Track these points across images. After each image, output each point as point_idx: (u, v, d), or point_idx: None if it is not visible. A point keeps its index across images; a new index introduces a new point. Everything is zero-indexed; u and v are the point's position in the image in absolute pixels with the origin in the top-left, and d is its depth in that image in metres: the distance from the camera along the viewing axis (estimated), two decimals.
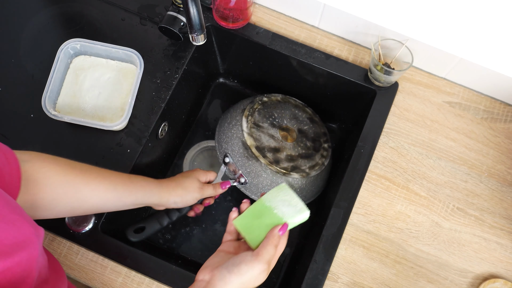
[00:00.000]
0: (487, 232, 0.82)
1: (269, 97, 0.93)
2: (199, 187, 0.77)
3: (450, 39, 0.72)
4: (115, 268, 0.76)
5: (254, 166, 0.84)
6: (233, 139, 0.87)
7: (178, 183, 0.75)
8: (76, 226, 0.76)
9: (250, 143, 0.85)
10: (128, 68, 0.87)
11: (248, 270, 0.59)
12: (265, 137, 0.87)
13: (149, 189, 0.71)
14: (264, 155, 0.85)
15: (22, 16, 0.91)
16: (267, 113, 0.90)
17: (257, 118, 0.89)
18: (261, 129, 0.88)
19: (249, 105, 0.90)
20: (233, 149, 0.86)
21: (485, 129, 0.88)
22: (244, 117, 0.87)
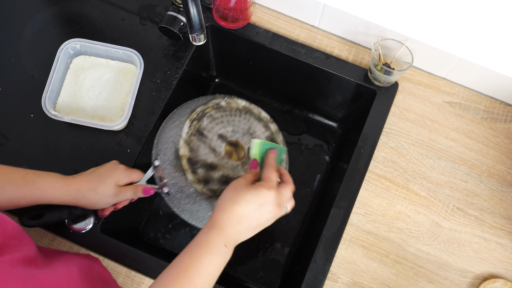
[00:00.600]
0: (487, 232, 0.82)
1: (229, 102, 0.81)
2: (114, 194, 0.69)
3: (450, 39, 0.72)
4: (115, 268, 0.76)
5: (180, 179, 0.73)
6: (169, 142, 0.76)
7: (91, 187, 0.68)
8: (76, 226, 0.75)
9: (182, 153, 0.73)
10: (128, 68, 0.87)
11: (253, 198, 0.59)
12: (205, 149, 0.75)
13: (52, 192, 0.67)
14: (194, 170, 0.72)
15: (22, 16, 0.91)
16: (219, 121, 0.78)
17: (204, 125, 0.76)
18: (203, 138, 0.76)
19: (201, 107, 0.78)
20: (165, 153, 0.75)
21: (485, 129, 0.88)
22: (189, 120, 0.75)
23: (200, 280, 0.55)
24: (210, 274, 0.57)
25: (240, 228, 0.59)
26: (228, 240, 0.58)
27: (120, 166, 0.72)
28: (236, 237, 0.60)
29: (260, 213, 0.60)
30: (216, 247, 0.57)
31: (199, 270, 0.56)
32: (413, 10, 0.70)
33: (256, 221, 0.60)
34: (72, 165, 0.81)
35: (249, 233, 0.61)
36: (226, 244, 0.58)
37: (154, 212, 0.95)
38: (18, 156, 0.81)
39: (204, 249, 0.57)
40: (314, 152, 1.01)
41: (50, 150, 0.82)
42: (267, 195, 0.60)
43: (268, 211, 0.61)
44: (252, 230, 0.61)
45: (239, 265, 0.92)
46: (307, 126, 1.04)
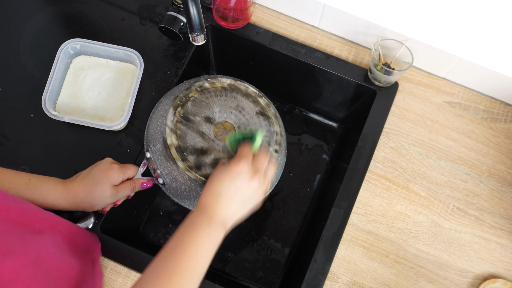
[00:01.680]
0: (487, 232, 0.82)
1: (213, 82, 0.77)
2: (111, 195, 0.70)
3: (450, 39, 0.72)
4: (115, 268, 0.76)
5: (172, 168, 0.72)
6: (156, 132, 0.74)
7: (88, 191, 0.68)
8: (77, 225, 0.75)
9: (170, 142, 0.71)
10: (128, 68, 0.87)
11: (224, 173, 0.61)
12: (192, 134, 0.73)
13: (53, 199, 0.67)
14: (184, 157, 0.71)
15: (22, 16, 0.91)
16: (205, 104, 0.75)
17: (189, 109, 0.74)
18: (190, 124, 0.73)
19: (184, 92, 0.75)
20: (155, 144, 0.74)
21: (485, 129, 0.88)
22: (173, 107, 0.73)
23: (187, 259, 0.56)
24: (197, 253, 0.57)
25: (220, 205, 0.60)
26: (211, 219, 0.59)
27: (113, 166, 0.71)
28: (220, 216, 0.60)
29: (236, 186, 0.61)
30: (199, 226, 0.59)
31: (185, 249, 0.57)
32: (413, 10, 0.70)
33: (235, 195, 0.61)
34: (72, 165, 0.81)
35: (236, 208, 0.62)
36: (209, 223, 0.59)
37: (154, 212, 0.95)
38: (18, 156, 0.81)
39: (188, 230, 0.59)
40: (314, 152, 1.01)
41: (50, 150, 0.82)
42: (236, 167, 0.61)
43: (244, 182, 0.61)
44: (238, 205, 0.62)
45: (239, 265, 0.92)
46: (307, 126, 1.04)
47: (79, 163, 0.81)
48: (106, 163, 0.71)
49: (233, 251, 0.93)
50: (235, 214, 0.62)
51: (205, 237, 0.58)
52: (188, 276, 0.56)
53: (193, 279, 0.57)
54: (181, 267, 0.56)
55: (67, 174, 0.78)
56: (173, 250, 0.57)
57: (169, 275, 0.55)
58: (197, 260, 0.57)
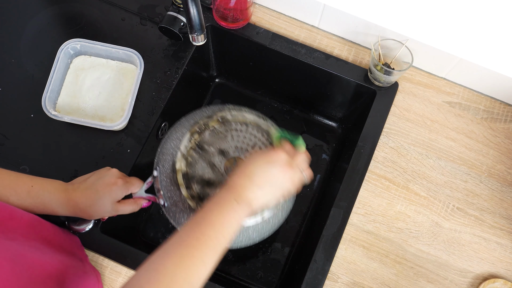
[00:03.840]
0: (487, 232, 0.82)
1: (235, 115, 0.75)
2: (110, 211, 0.70)
3: (450, 39, 0.72)
4: (115, 268, 0.76)
5: (175, 193, 0.71)
6: (168, 153, 0.73)
7: (89, 203, 0.68)
8: (76, 226, 0.76)
9: (178, 167, 0.70)
10: (128, 68, 0.87)
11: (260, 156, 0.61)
12: (203, 164, 0.71)
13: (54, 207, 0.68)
14: (189, 185, 0.70)
15: (22, 16, 0.91)
16: (223, 136, 0.74)
17: (205, 138, 0.72)
18: (203, 153, 0.72)
19: (204, 119, 0.73)
20: (164, 164, 0.73)
21: (485, 129, 0.88)
22: (190, 133, 0.72)
23: (212, 231, 0.56)
24: (223, 226, 0.57)
25: (249, 185, 0.60)
26: (238, 197, 0.59)
27: (118, 182, 0.70)
28: (247, 195, 0.60)
29: (268, 170, 0.61)
30: (226, 201, 0.59)
31: (211, 222, 0.57)
32: (413, 10, 0.70)
33: (265, 179, 0.61)
34: (72, 165, 0.81)
35: (263, 193, 0.61)
36: (237, 200, 0.59)
37: (154, 212, 0.95)
38: (18, 156, 0.81)
39: (215, 204, 0.59)
40: (314, 152, 1.01)
41: (50, 150, 0.82)
42: (274, 154, 0.62)
43: (278, 169, 0.61)
44: (265, 190, 0.61)
45: (239, 265, 0.92)
46: (307, 126, 1.04)
47: (79, 163, 0.81)
48: (111, 177, 0.70)
49: (233, 251, 0.93)
50: (262, 197, 0.61)
51: (231, 212, 0.59)
52: (212, 246, 0.56)
53: (216, 249, 0.56)
54: (207, 236, 0.56)
55: (67, 174, 0.78)
56: (200, 221, 0.57)
57: (196, 243, 0.55)
58: (222, 232, 0.57)
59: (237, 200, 0.59)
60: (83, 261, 0.71)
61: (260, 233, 0.74)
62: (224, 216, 0.58)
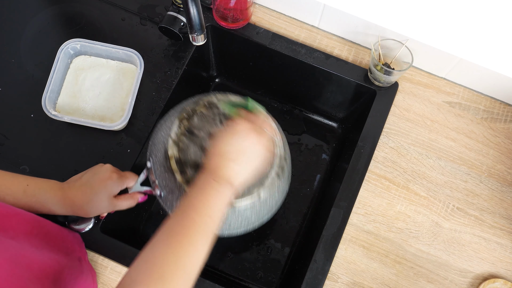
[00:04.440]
0: (487, 232, 0.82)
1: (220, 99, 0.76)
2: (107, 206, 0.70)
3: (450, 39, 0.72)
4: (115, 268, 0.76)
5: (170, 180, 0.71)
6: (160, 143, 0.73)
7: (85, 200, 0.68)
8: (76, 226, 0.76)
9: (171, 153, 0.70)
10: (128, 68, 0.87)
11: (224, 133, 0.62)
12: (194, 149, 0.72)
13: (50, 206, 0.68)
14: (183, 170, 0.70)
15: (22, 16, 0.91)
16: (211, 119, 0.74)
17: (195, 124, 0.73)
18: (193, 138, 0.72)
19: (191, 106, 0.74)
20: (156, 154, 0.73)
21: (485, 129, 0.88)
22: (178, 119, 0.72)
23: (198, 216, 0.57)
24: (208, 208, 0.58)
25: (224, 162, 0.61)
26: (217, 176, 0.60)
27: (112, 176, 0.70)
28: (225, 172, 0.60)
29: (236, 142, 0.61)
30: (206, 184, 0.59)
31: (195, 207, 0.57)
32: (413, 10, 0.70)
33: (236, 151, 0.61)
34: (72, 165, 0.81)
35: (240, 165, 0.61)
36: (216, 180, 0.59)
37: (154, 212, 0.95)
38: (18, 156, 0.81)
39: (196, 190, 0.59)
40: (314, 152, 1.01)
41: (50, 150, 0.82)
42: (236, 125, 0.62)
43: (245, 138, 0.62)
44: (241, 162, 0.62)
45: (239, 265, 0.92)
46: (307, 126, 1.04)
47: (79, 163, 0.81)
48: (105, 172, 0.71)
49: (233, 251, 0.93)
50: (240, 171, 0.62)
51: (213, 193, 0.59)
52: (200, 230, 0.56)
53: (205, 232, 0.57)
54: (193, 221, 0.56)
55: (67, 174, 0.78)
56: (184, 209, 0.58)
57: (183, 230, 0.55)
58: (209, 214, 0.58)
59: (216, 180, 0.60)
60: (81, 260, 0.71)
61: (258, 215, 0.74)
62: (207, 199, 0.58)
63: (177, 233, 0.55)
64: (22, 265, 0.55)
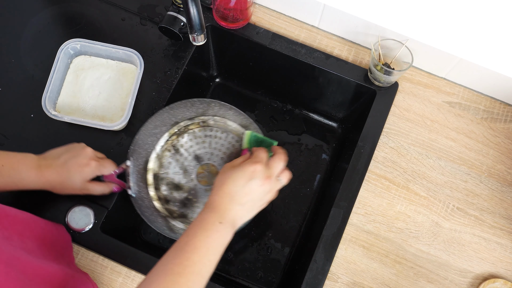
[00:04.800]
0: (487, 232, 0.82)
1: (217, 121, 0.75)
2: (80, 189, 0.72)
3: (450, 39, 0.72)
4: (115, 268, 0.76)
5: (143, 190, 0.72)
6: (143, 148, 0.73)
7: (60, 180, 0.70)
8: (77, 226, 0.76)
9: (150, 167, 0.71)
10: (128, 68, 0.87)
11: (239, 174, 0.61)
12: (175, 168, 0.72)
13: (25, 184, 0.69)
14: (157, 186, 0.71)
15: (22, 16, 0.91)
16: (201, 140, 0.74)
17: (182, 141, 0.73)
18: (177, 156, 0.73)
19: (186, 121, 0.74)
20: (137, 158, 0.74)
21: (485, 129, 0.88)
22: (168, 133, 0.73)
23: (197, 256, 0.57)
24: (208, 250, 0.58)
25: (233, 205, 0.61)
26: (223, 218, 0.60)
27: (90, 164, 0.72)
28: (232, 215, 0.60)
29: (249, 188, 0.61)
30: (210, 224, 0.59)
31: (195, 247, 0.57)
32: (413, 10, 0.70)
33: (247, 196, 0.61)
34: None
35: (246, 210, 0.62)
36: (221, 221, 0.59)
37: None
38: None
39: (199, 227, 0.59)
40: (314, 152, 1.01)
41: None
42: (253, 169, 0.61)
43: (258, 184, 0.61)
44: (247, 207, 0.62)
45: (239, 265, 0.92)
46: (307, 126, 1.04)
47: None
48: (84, 158, 0.72)
49: (233, 251, 0.93)
50: (245, 215, 0.62)
51: (216, 235, 0.59)
52: (198, 272, 0.56)
53: (202, 274, 0.57)
54: (191, 261, 0.56)
55: None
56: (184, 247, 0.57)
57: (180, 269, 0.55)
58: (208, 256, 0.58)
59: (221, 221, 0.59)
60: (69, 265, 0.71)
61: None
62: (209, 240, 0.58)
63: (175, 273, 0.55)
64: (18, 269, 0.54)
